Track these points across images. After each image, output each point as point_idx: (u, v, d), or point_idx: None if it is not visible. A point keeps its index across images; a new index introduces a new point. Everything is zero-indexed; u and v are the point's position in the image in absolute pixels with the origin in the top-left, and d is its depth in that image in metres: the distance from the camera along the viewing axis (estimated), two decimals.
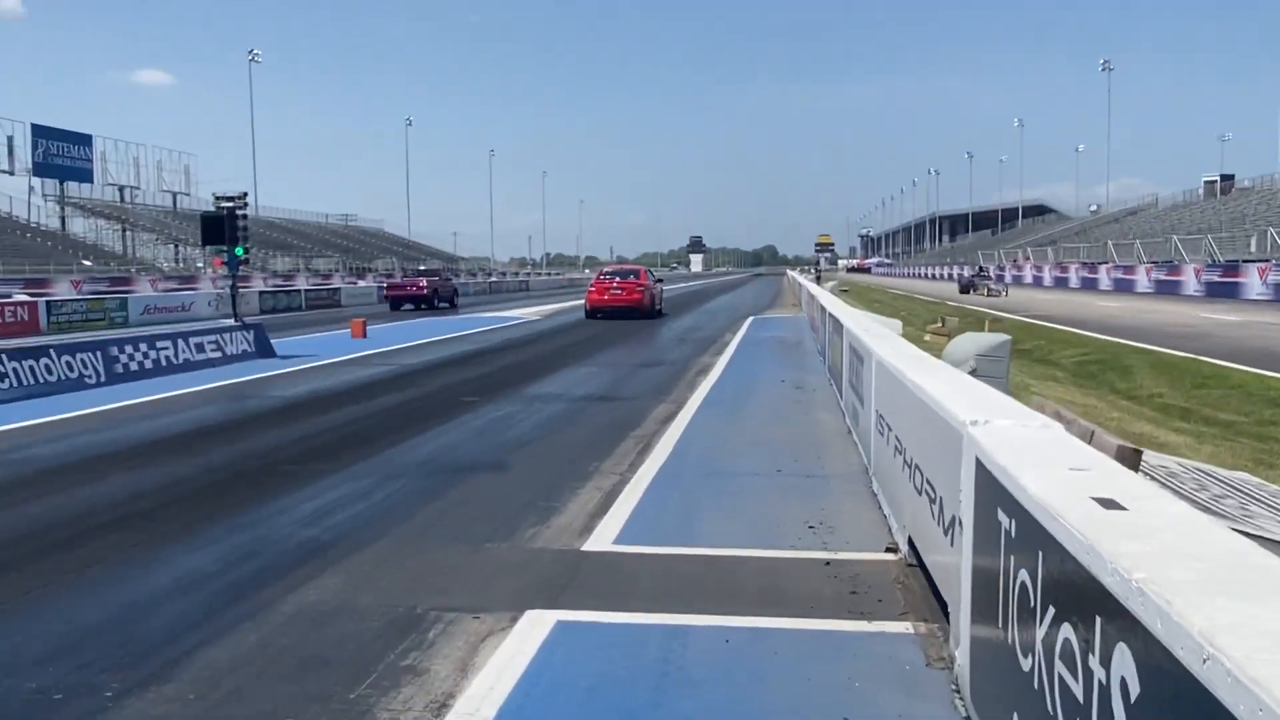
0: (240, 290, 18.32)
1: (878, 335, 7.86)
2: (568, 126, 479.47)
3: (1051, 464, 2.75)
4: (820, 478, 7.04)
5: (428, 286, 35.30)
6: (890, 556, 5.12)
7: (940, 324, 25.03)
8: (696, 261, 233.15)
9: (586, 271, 75.39)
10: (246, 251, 17.56)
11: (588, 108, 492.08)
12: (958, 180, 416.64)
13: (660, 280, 32.78)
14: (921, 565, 4.51)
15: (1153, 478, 4.65)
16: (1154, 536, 2.05)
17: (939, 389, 4.32)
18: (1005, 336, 8.02)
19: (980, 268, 52.26)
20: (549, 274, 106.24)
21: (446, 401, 11.37)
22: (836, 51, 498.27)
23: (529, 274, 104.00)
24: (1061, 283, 54.89)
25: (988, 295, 41.32)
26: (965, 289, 45.62)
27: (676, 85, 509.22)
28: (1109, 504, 2.28)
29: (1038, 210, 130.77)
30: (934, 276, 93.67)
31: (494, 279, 75.30)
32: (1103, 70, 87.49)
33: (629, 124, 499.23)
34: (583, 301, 29.01)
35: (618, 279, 28.54)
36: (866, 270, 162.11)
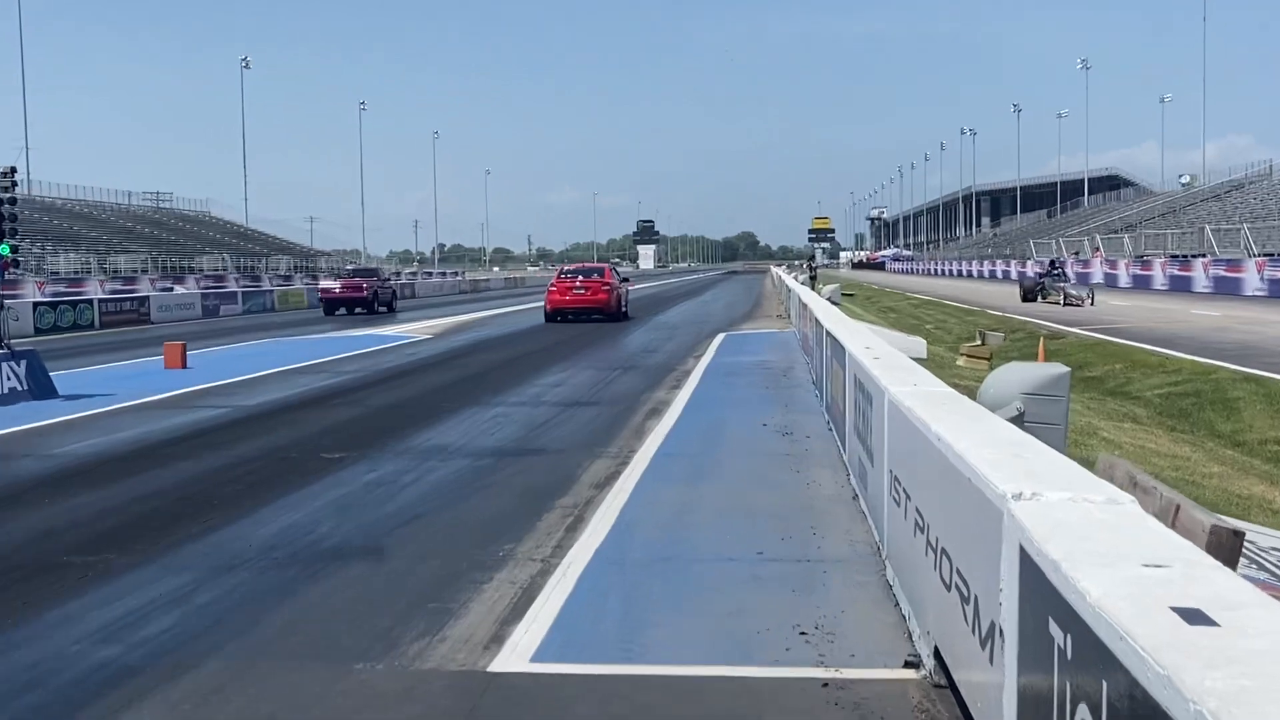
0: (6, 303, 18.07)
1: (891, 362, 7.99)
2: (469, 72, 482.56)
3: (1119, 557, 2.84)
4: (816, 563, 7.13)
5: (368, 289, 40.67)
6: (910, 674, 5.20)
7: (979, 341, 25.48)
8: (646, 255, 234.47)
9: (495, 271, 75.65)
10: (15, 250, 17.32)
11: (494, 48, 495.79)
12: (1001, 144, 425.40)
13: (626, 279, 37.13)
14: (952, 686, 4.60)
15: (1264, 566, 4.79)
16: (1254, 664, 2.13)
17: (972, 444, 4.43)
18: (1063, 369, 8.17)
19: (1054, 262, 46.52)
20: (445, 273, 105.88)
21: (302, 459, 11.32)
22: None
23: (414, 273, 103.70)
24: (1143, 282, 55.97)
25: (1065, 304, 38.44)
26: (1030, 294, 42.74)
27: (618, 13, 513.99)
28: (1194, 616, 2.36)
29: (1110, 183, 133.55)
30: (974, 274, 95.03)
31: None
32: None
33: (554, 69, 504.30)
34: (490, 314, 32.01)
35: (580, 277, 33.69)
36: (879, 266, 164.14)
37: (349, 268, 50.08)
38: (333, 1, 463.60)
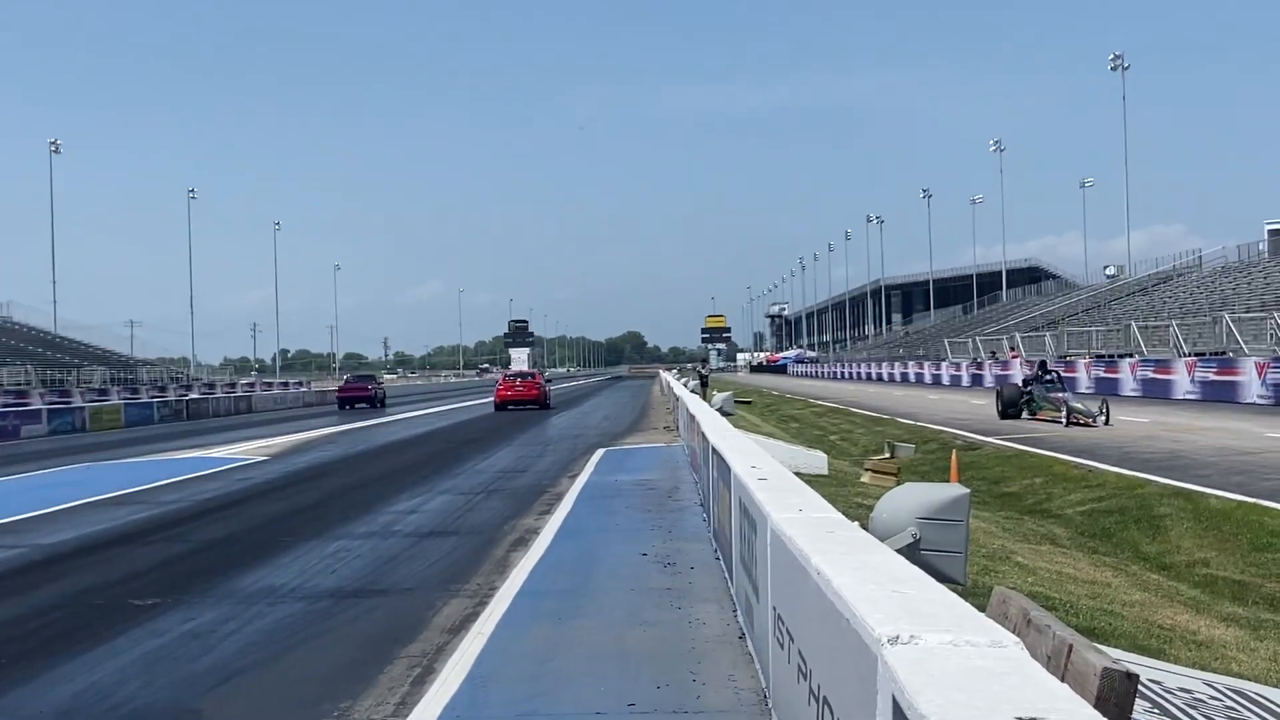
0: None
1: (777, 484, 8.09)
2: (315, 156, 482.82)
3: (992, 711, 2.91)
4: (694, 714, 7.14)
5: (372, 389, 66.07)
6: None
7: (887, 454, 25.88)
8: (520, 359, 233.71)
9: (346, 380, 75.17)
10: None
11: (344, 130, 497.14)
12: (911, 232, 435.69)
13: (550, 380, 58.49)
14: None
15: (1167, 711, 4.91)
16: None
17: (853, 580, 4.51)
18: (961, 490, 8.32)
19: (1043, 365, 37.32)
20: (287, 384, 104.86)
21: (109, 606, 11.07)
22: (725, 48, 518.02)
23: (251, 384, 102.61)
24: (1065, 384, 57.26)
25: (1070, 423, 31.61)
26: (1012, 407, 35.68)
27: (481, 89, 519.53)
28: None
29: (1030, 275, 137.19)
30: (885, 377, 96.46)
31: (192, 395, 73.96)
32: (1114, 68, 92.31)
33: (412, 152, 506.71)
34: (338, 430, 33.94)
35: (519, 380, 57.19)
36: (781, 369, 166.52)
37: (358, 374, 77.76)
38: (159, 80, 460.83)
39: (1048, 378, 35.47)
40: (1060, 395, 33.69)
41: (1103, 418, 31.46)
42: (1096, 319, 77.00)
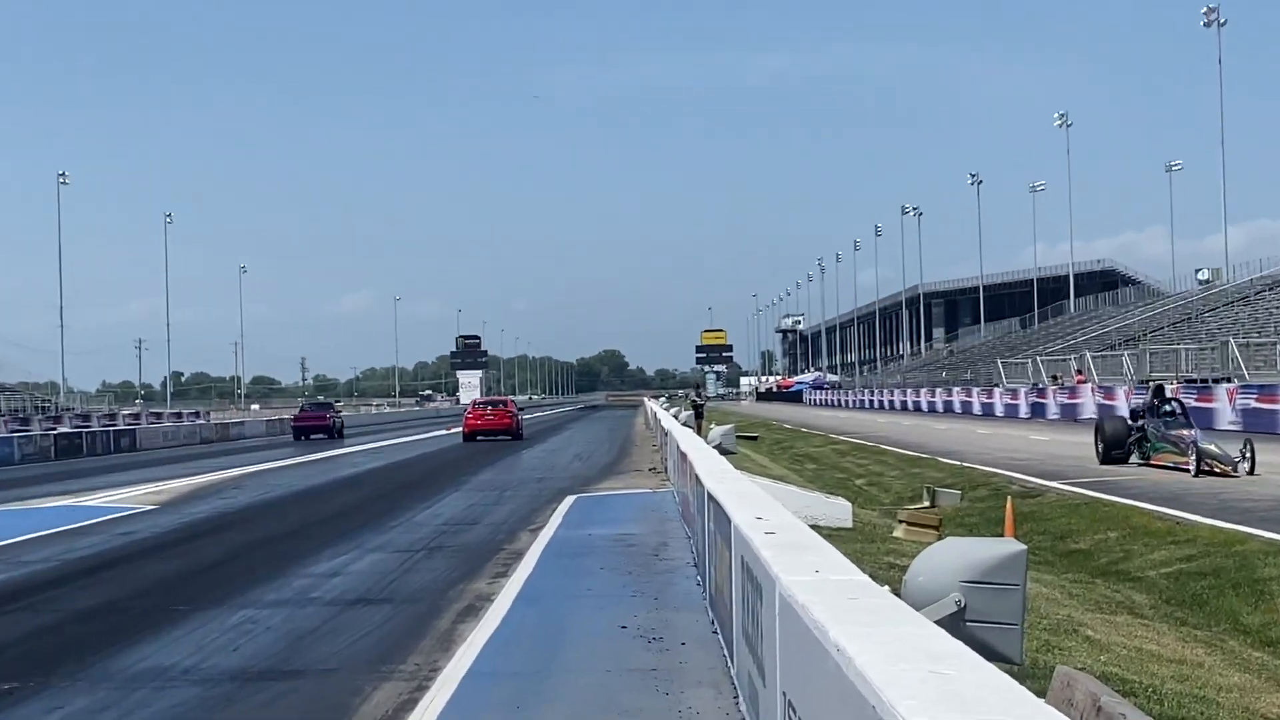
0: None
1: (789, 539, 8.07)
2: (216, 137, 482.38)
3: None
4: None
5: (330, 419, 72.52)
6: None
7: (927, 503, 25.87)
8: (471, 384, 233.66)
9: (255, 409, 75.77)
10: None
11: (250, 99, 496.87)
12: (956, 227, 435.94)
13: (521, 409, 63.63)
14: None
15: None
16: None
17: (880, 657, 4.50)
18: (1017, 547, 8.30)
19: (1159, 390, 34.64)
20: (182, 415, 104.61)
21: None
22: (715, 6, 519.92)
23: (136, 416, 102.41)
24: (1191, 417, 57.01)
25: (1199, 471, 28.74)
26: (1118, 446, 32.96)
27: (429, 64, 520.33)
28: None
29: (1104, 280, 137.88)
30: (924, 407, 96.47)
31: (62, 429, 73.71)
32: (1208, 24, 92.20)
33: (341, 135, 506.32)
34: (244, 472, 36.80)
35: (489, 408, 62.94)
36: (795, 396, 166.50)
37: (316, 400, 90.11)
38: (14, 39, 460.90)
39: (1167, 409, 32.27)
40: (1186, 433, 30.56)
41: (1245, 464, 28.54)
42: (1186, 334, 77.11)
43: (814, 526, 9.94)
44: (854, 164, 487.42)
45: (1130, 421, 33.39)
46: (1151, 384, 41.43)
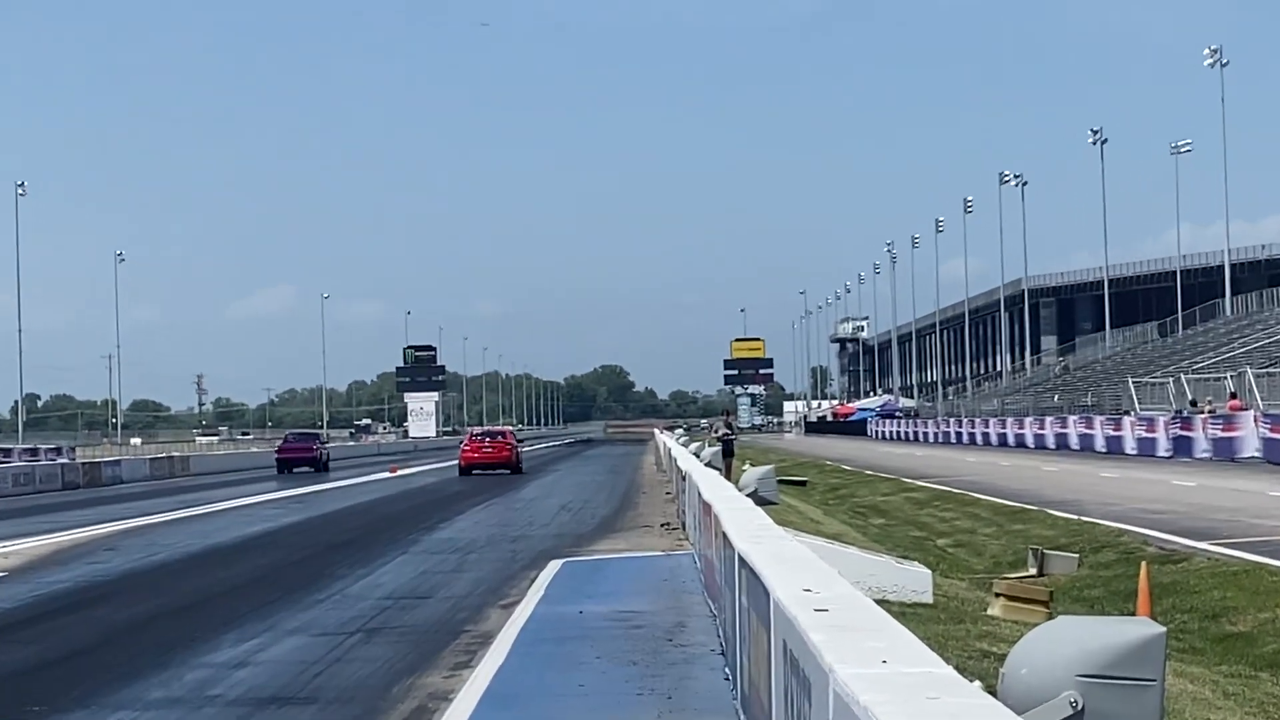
0: None
1: (847, 618, 8.05)
2: (90, 89, 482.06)
3: None
4: None
5: (316, 450, 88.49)
6: None
7: (1033, 570, 25.81)
8: (422, 409, 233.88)
9: (135, 444, 75.95)
10: None
11: (133, 40, 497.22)
12: (1067, 201, 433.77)
13: (521, 441, 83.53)
14: None
15: None
16: None
17: None
18: (1153, 629, 8.26)
19: None
20: (36, 452, 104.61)
21: None
22: None
23: None
24: None
25: None
26: None
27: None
28: None
29: (1271, 271, 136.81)
30: (1030, 442, 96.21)
31: None
32: None
33: (253, 86, 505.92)
34: (122, 527, 37.97)
35: (487, 439, 76.57)
36: (856, 426, 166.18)
37: (299, 431, 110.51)
38: None
39: None
40: None
41: None
42: None
43: (881, 601, 9.91)
44: (934, 118, 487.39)
45: None
46: None
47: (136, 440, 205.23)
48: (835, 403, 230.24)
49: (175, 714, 14.83)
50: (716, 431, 70.48)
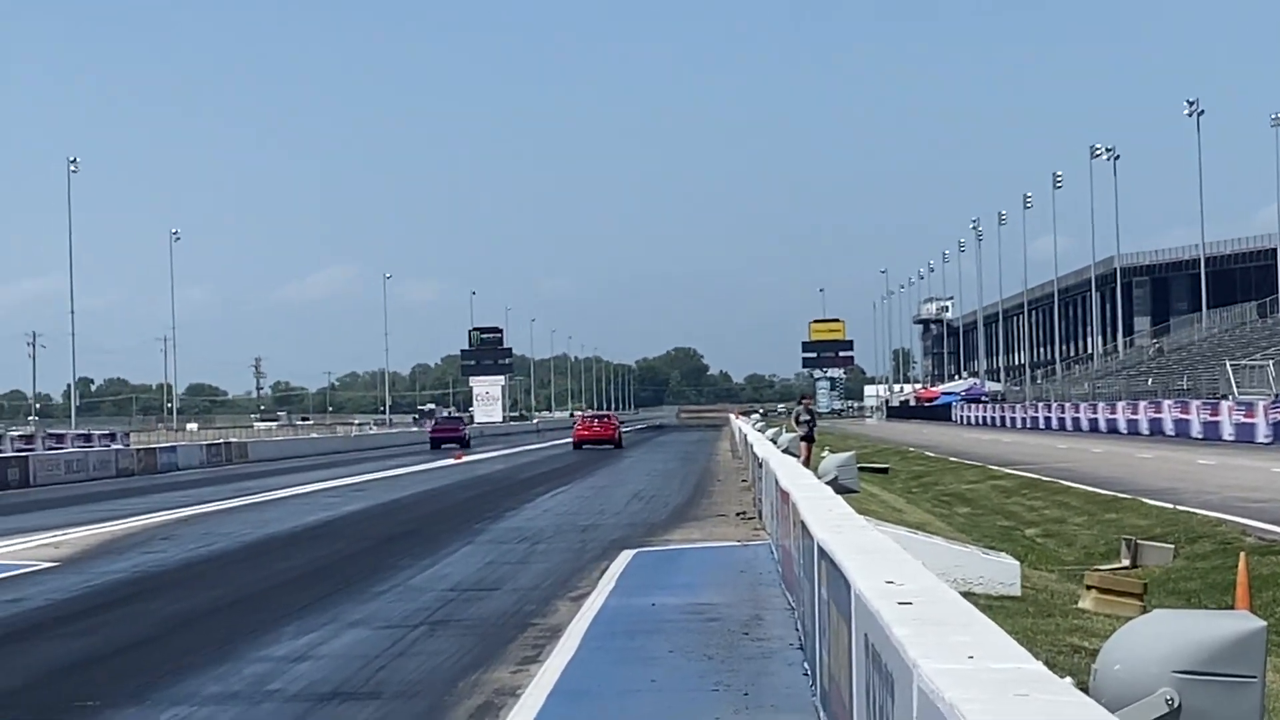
0: None
1: (932, 612, 8.02)
2: (143, 59, 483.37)
3: None
4: None
5: (463, 431, 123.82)
6: None
7: (1125, 561, 25.70)
8: (488, 394, 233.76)
9: (191, 430, 75.99)
10: None
11: (192, 18, 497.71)
12: (1162, 177, 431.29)
13: (622, 421, 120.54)
14: None
15: None
16: None
17: None
18: (1254, 624, 8.18)
19: None
20: (90, 438, 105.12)
21: None
22: None
23: (29, 438, 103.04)
24: None
25: None
26: None
27: None
28: None
29: None
30: (1122, 428, 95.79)
31: None
32: None
33: (312, 63, 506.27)
34: (175, 516, 39.26)
35: (596, 420, 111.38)
36: (941, 411, 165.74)
37: (446, 415, 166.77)
38: None
39: None
40: None
41: None
42: None
43: (967, 594, 9.88)
44: (1022, 90, 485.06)
45: None
46: None
47: (192, 426, 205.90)
48: (918, 386, 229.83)
49: (232, 710, 14.87)
50: (795, 417, 70.37)
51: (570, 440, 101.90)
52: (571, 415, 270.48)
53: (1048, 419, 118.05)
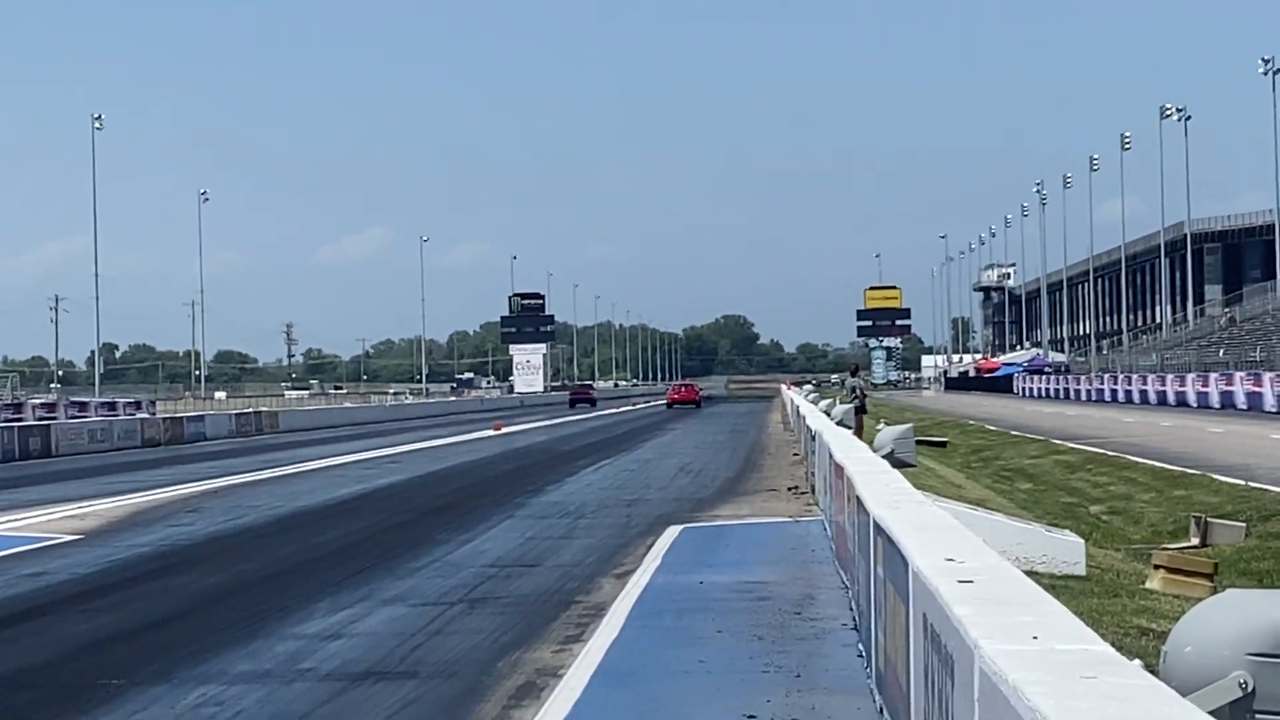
0: None
1: (994, 590, 8.01)
2: (170, 15, 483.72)
3: None
4: None
5: (592, 393, 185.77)
6: None
7: (1195, 540, 25.65)
8: (529, 363, 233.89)
9: (219, 397, 76.15)
10: None
11: None
12: (1235, 139, 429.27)
13: (700, 389, 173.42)
14: None
15: None
16: None
17: None
18: None
19: None
20: (115, 406, 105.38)
21: None
22: None
23: (52, 405, 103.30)
24: None
25: None
26: None
27: None
28: None
29: None
30: (1193, 401, 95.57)
31: None
32: None
33: (342, 16, 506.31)
34: (206, 487, 40.34)
35: (683, 387, 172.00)
36: (1002, 383, 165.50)
37: (579, 382, 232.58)
38: None
39: None
40: None
41: None
42: None
43: (1030, 573, 9.85)
44: (1088, 48, 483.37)
45: None
46: None
47: (221, 394, 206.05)
48: (978, 357, 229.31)
49: (263, 688, 14.90)
50: (850, 388, 70.28)
51: (625, 408, 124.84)
52: (615, 385, 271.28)
53: (1114, 391, 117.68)
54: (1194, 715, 5.28)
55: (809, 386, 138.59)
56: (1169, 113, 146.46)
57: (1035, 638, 6.71)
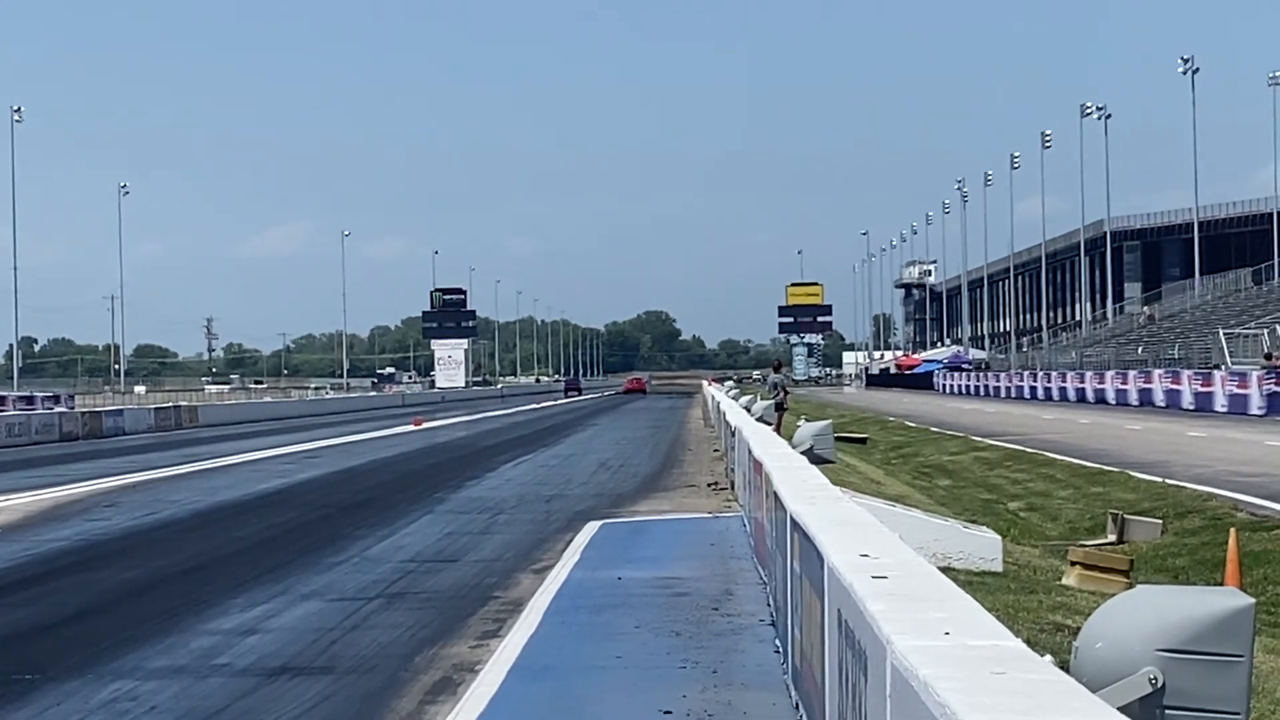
0: None
1: (907, 586, 8.05)
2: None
3: None
4: None
5: (582, 385, 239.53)
6: None
7: (1111, 537, 25.78)
8: (450, 358, 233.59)
9: (139, 392, 75.88)
10: None
11: None
12: (1154, 138, 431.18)
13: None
14: None
15: None
16: None
17: None
18: (1241, 601, 8.20)
19: None
20: (33, 400, 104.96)
21: None
22: None
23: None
24: None
25: None
26: None
27: None
28: None
29: None
30: (1111, 398, 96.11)
31: None
32: None
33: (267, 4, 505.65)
34: (123, 482, 38.50)
35: (634, 380, 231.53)
36: (923, 380, 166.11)
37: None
38: None
39: None
40: None
41: None
42: None
43: (947, 569, 9.89)
44: (1009, 46, 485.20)
45: None
46: None
47: (140, 388, 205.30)
48: (900, 353, 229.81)
49: (179, 683, 14.87)
50: (771, 384, 70.33)
51: (547, 403, 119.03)
52: (537, 380, 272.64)
53: (1033, 388, 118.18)
54: (1100, 710, 5.31)
55: (730, 383, 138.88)
56: (1089, 111, 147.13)
57: (947, 633, 6.75)
